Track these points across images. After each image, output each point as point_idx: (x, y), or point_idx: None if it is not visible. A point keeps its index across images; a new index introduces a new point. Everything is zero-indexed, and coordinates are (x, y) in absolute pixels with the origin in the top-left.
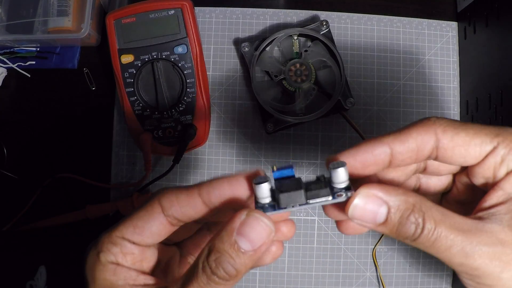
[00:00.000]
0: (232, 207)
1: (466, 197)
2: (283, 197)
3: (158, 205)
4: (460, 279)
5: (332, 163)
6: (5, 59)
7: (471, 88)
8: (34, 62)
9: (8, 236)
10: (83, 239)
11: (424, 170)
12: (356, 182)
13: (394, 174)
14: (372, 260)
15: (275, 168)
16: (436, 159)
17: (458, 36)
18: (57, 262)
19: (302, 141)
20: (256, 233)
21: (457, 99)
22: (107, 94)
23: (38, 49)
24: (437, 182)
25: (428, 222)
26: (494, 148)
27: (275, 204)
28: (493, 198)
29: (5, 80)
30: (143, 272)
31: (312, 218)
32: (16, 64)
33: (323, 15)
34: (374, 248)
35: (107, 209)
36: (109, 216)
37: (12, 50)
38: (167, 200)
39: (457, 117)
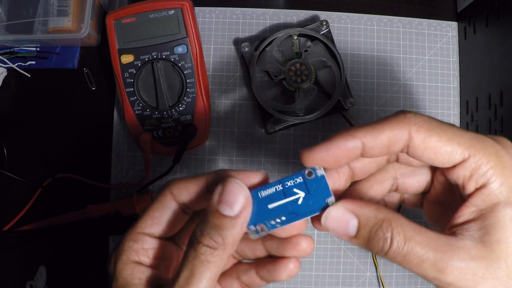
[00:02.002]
0: None
1: (445, 197)
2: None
3: (169, 194)
4: None
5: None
6: (5, 59)
7: (471, 88)
8: (34, 62)
9: (8, 236)
10: (83, 239)
11: (396, 160)
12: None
13: (364, 162)
14: (372, 260)
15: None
16: (407, 154)
17: (458, 36)
18: (57, 262)
19: (302, 141)
20: (233, 196)
21: (457, 99)
22: (107, 94)
23: (38, 49)
24: (414, 182)
25: (397, 237)
26: (464, 161)
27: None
28: (465, 214)
29: (5, 80)
30: (159, 272)
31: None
32: (16, 64)
33: (323, 15)
34: None
35: (107, 209)
36: (109, 216)
37: (12, 50)
38: (177, 188)
39: (457, 117)
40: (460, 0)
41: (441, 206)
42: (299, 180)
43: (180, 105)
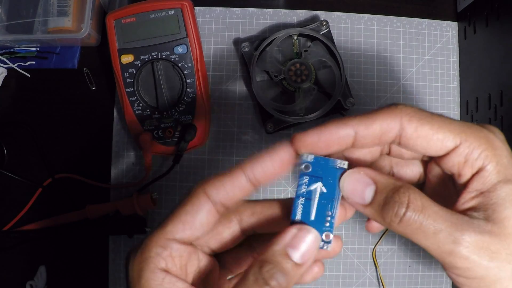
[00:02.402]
0: (274, 178)
1: (440, 190)
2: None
3: (203, 194)
4: (451, 279)
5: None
6: (5, 59)
7: (471, 88)
8: (34, 62)
9: (8, 236)
10: (83, 239)
11: (389, 153)
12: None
13: (359, 153)
14: (372, 260)
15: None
16: (399, 145)
17: (458, 36)
18: (57, 262)
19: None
20: (306, 245)
21: (457, 99)
22: (107, 94)
23: (38, 49)
24: (409, 172)
25: (415, 202)
26: (456, 147)
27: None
28: (467, 199)
29: (5, 80)
30: (188, 283)
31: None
32: (16, 64)
33: (323, 15)
34: (374, 248)
35: (107, 209)
36: (109, 216)
37: (12, 50)
38: (212, 186)
39: (457, 117)
40: (460, 0)
41: (440, 198)
42: (305, 179)
43: (180, 105)
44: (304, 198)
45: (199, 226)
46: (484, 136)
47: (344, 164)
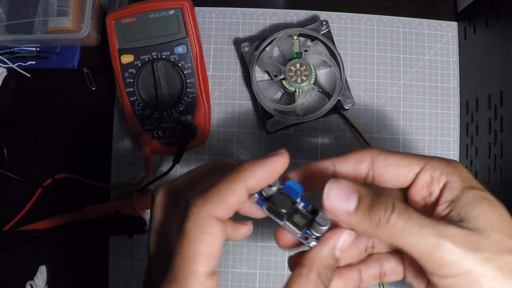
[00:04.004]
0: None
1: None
2: (269, 207)
3: (244, 188)
4: (433, 282)
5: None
6: (5, 59)
7: (471, 88)
8: (34, 62)
9: (8, 236)
10: (83, 239)
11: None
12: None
13: None
14: None
15: (291, 180)
16: (373, 180)
17: (458, 36)
18: (57, 262)
19: (302, 141)
20: (347, 244)
21: (457, 99)
22: (107, 94)
23: (38, 49)
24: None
25: (398, 205)
26: (422, 169)
27: (266, 203)
28: (441, 212)
29: (5, 80)
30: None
31: None
32: (16, 64)
33: (323, 15)
34: None
35: (107, 209)
36: (109, 216)
37: (12, 50)
38: (252, 177)
39: (457, 117)
40: (460, 0)
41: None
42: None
43: (180, 105)
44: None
45: (233, 210)
46: (444, 159)
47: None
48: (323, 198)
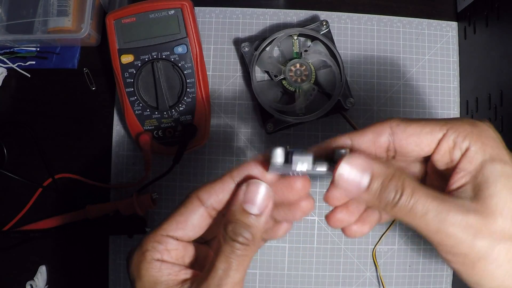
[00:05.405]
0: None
1: (439, 184)
2: (295, 156)
3: (196, 199)
4: (440, 255)
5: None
6: (5, 59)
7: (471, 88)
8: (34, 62)
9: (8, 236)
10: (83, 239)
11: (394, 157)
12: None
13: None
14: (372, 260)
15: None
16: (396, 154)
17: (458, 36)
18: (57, 262)
19: (302, 141)
20: (258, 196)
21: (457, 99)
22: (107, 94)
23: (38, 49)
24: (411, 169)
25: (407, 188)
26: (444, 135)
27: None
28: (457, 180)
29: (5, 80)
30: (185, 267)
31: (312, 218)
32: (16, 64)
33: (323, 15)
34: (374, 248)
35: (107, 209)
36: (109, 216)
37: (12, 50)
38: (204, 192)
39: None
40: (460, 0)
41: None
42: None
43: (180, 105)
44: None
45: (191, 226)
46: (469, 122)
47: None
48: (335, 175)
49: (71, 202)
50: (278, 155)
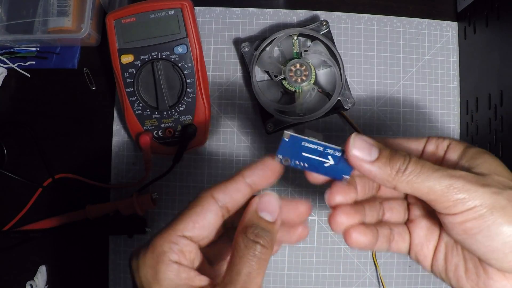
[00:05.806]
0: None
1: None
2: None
3: (211, 198)
4: (449, 228)
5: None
6: (5, 59)
7: (471, 88)
8: (34, 62)
9: (8, 236)
10: (83, 239)
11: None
12: None
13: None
14: (372, 260)
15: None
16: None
17: (458, 36)
18: (57, 262)
19: None
20: (272, 204)
21: (457, 99)
22: (107, 94)
23: (38, 49)
24: None
25: (413, 156)
26: (427, 142)
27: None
28: (449, 166)
29: (5, 80)
30: (199, 273)
31: (312, 218)
32: (16, 64)
33: (323, 15)
34: None
35: (107, 209)
36: (109, 216)
37: (12, 50)
38: (219, 191)
39: (457, 117)
40: (460, 0)
41: None
42: (337, 153)
43: (180, 105)
44: (321, 150)
45: (207, 226)
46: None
47: (346, 180)
48: (348, 148)
49: (71, 202)
50: (290, 130)
